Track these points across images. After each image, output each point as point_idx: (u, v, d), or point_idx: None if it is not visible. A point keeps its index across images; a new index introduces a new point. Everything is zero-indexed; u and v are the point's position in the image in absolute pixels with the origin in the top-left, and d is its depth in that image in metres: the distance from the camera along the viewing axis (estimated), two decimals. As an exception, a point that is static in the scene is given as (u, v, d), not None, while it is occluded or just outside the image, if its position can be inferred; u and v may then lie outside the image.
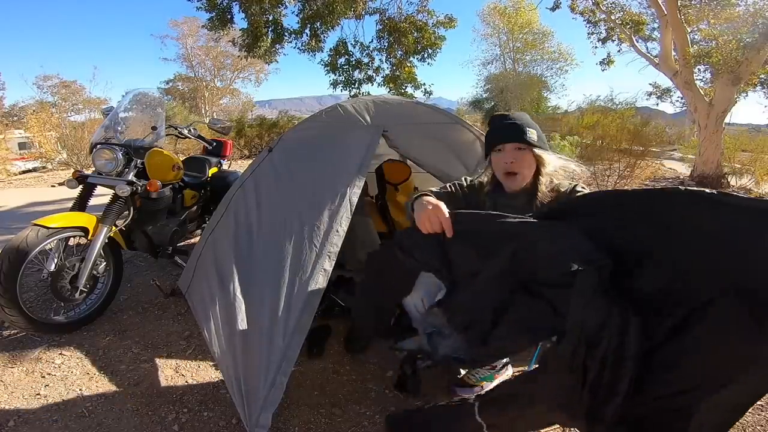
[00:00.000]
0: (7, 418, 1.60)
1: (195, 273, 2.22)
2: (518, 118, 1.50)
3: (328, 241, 1.69)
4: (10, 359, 1.98)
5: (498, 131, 1.51)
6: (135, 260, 3.27)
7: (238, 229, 2.00)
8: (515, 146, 1.45)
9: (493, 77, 22.33)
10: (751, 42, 6.32)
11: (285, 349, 1.47)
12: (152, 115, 2.67)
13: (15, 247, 1.94)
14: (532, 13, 19.42)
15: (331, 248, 1.68)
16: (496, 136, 1.51)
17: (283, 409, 1.62)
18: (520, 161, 1.45)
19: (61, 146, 10.22)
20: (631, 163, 5.63)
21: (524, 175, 1.47)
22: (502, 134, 1.49)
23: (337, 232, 1.72)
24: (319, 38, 9.00)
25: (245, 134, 12.01)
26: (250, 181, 2.16)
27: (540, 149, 1.46)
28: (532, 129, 1.46)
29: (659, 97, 19.30)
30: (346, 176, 1.86)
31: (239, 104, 29.90)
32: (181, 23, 25.66)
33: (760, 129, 15.85)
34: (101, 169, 2.36)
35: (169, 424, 1.58)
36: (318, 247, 1.68)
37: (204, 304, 1.93)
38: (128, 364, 1.95)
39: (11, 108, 21.77)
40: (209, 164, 3.26)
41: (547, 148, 1.50)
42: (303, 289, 1.58)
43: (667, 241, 0.86)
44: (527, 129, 1.45)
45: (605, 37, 10.06)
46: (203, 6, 8.04)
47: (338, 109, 2.20)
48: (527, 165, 1.46)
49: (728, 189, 6.47)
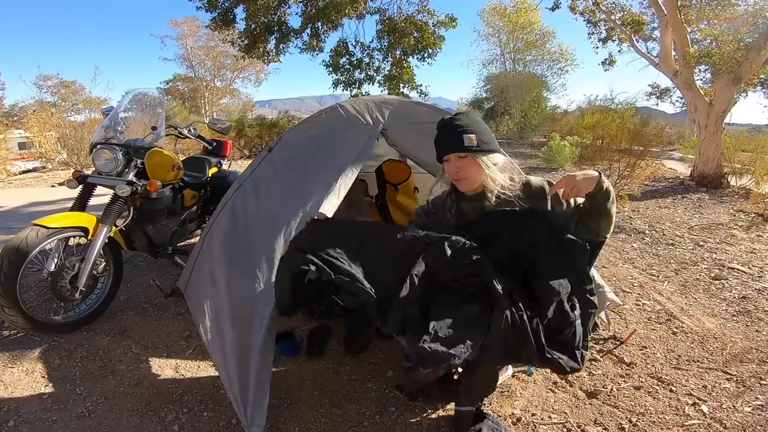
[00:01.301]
0: (7, 418, 1.60)
1: (193, 273, 2.22)
2: (459, 122, 1.51)
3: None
4: (10, 359, 1.99)
5: (440, 141, 1.55)
6: (135, 260, 3.27)
7: (237, 229, 2.00)
8: (456, 155, 1.49)
9: (493, 77, 22.31)
10: (752, 42, 6.32)
11: (262, 349, 1.48)
12: (152, 115, 2.67)
13: (15, 247, 1.94)
14: (534, 13, 19.40)
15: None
16: (438, 147, 1.55)
17: (283, 409, 1.62)
18: (465, 168, 1.49)
19: (61, 146, 10.23)
20: (631, 163, 5.62)
21: (472, 179, 1.51)
22: (442, 145, 1.54)
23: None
24: (320, 38, 9.00)
25: (245, 134, 12.02)
26: (249, 181, 2.16)
27: (480, 152, 1.47)
28: (470, 134, 1.47)
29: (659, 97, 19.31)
30: (346, 176, 1.87)
31: (239, 104, 29.92)
32: (181, 23, 25.66)
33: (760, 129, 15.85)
34: (101, 169, 2.36)
35: (169, 424, 1.58)
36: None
37: (200, 304, 1.94)
38: (128, 364, 1.95)
39: (11, 108, 21.76)
40: (209, 164, 3.26)
41: (492, 146, 1.52)
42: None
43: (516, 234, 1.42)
44: (465, 136, 1.47)
45: (605, 37, 10.04)
46: (204, 6, 8.04)
47: (338, 109, 2.20)
48: (473, 170, 1.49)
49: (728, 189, 6.47)
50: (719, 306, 2.55)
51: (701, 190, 6.52)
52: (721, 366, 1.92)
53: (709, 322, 2.34)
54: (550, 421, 1.58)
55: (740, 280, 2.92)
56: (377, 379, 1.83)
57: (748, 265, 3.20)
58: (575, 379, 1.82)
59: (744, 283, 2.85)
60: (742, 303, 2.56)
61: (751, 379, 1.81)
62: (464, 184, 1.53)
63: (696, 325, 2.30)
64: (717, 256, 3.41)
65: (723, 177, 6.75)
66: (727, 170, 6.93)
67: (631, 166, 5.61)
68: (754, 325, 2.30)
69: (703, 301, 2.63)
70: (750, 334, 2.21)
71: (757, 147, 7.53)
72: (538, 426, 1.55)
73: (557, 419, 1.59)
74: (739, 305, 2.54)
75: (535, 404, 1.67)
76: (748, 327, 2.28)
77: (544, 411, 1.63)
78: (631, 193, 5.65)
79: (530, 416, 1.60)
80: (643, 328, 2.27)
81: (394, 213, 3.36)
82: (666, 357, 2.00)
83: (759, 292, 2.71)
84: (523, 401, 1.68)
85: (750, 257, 3.37)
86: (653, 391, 1.74)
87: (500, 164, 1.52)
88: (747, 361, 1.95)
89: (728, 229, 4.25)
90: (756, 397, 1.69)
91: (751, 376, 1.84)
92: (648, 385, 1.78)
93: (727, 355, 2.00)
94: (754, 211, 4.88)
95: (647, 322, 2.35)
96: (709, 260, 3.33)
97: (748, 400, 1.67)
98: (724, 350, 2.05)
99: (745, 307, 2.50)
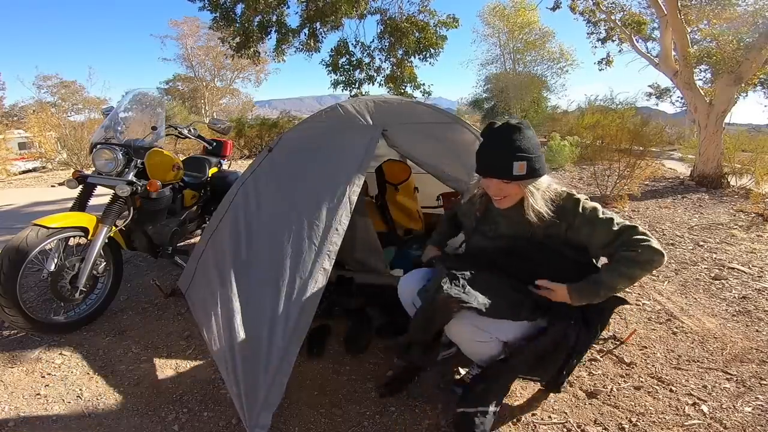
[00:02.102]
0: (7, 418, 1.60)
1: (195, 273, 2.22)
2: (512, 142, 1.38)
3: (327, 240, 1.69)
4: (10, 359, 1.98)
5: (486, 159, 1.45)
6: (135, 260, 3.27)
7: (239, 229, 2.00)
8: (500, 180, 1.41)
9: (493, 77, 22.31)
10: (752, 42, 6.32)
11: (285, 348, 1.47)
12: (152, 115, 2.67)
13: (15, 247, 1.94)
14: (533, 14, 19.39)
15: (331, 247, 1.69)
16: (482, 165, 1.46)
17: (283, 409, 1.62)
18: (507, 190, 1.43)
19: (61, 146, 10.24)
20: (631, 163, 5.63)
21: (511, 199, 1.46)
22: (489, 166, 1.44)
23: (337, 231, 1.72)
24: (317, 38, 8.99)
25: (245, 134, 12.02)
26: (250, 181, 2.16)
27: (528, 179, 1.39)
28: (521, 161, 1.36)
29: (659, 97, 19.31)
30: (346, 175, 1.86)
31: (239, 104, 29.92)
32: (181, 23, 25.67)
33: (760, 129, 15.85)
34: (101, 169, 2.36)
35: (169, 424, 1.58)
36: (317, 246, 1.68)
37: (204, 304, 1.93)
38: (128, 364, 1.95)
39: (11, 108, 21.77)
40: (209, 164, 3.26)
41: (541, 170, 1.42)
42: (303, 288, 1.58)
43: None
44: (515, 164, 1.36)
45: (605, 37, 10.05)
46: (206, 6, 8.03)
47: (338, 109, 2.20)
48: (513, 193, 1.44)
49: (728, 189, 6.47)
50: (719, 306, 2.55)
51: (701, 190, 6.52)
52: (721, 366, 1.92)
53: (709, 322, 2.34)
54: (550, 421, 1.58)
55: (740, 280, 2.92)
56: (377, 379, 1.83)
57: (748, 265, 3.20)
58: (575, 379, 1.82)
59: (744, 283, 2.85)
60: (742, 303, 2.56)
61: (751, 379, 1.81)
62: (502, 203, 1.48)
63: (696, 325, 2.30)
64: (717, 256, 3.41)
65: (723, 177, 6.75)
66: (727, 170, 6.93)
67: (631, 166, 5.62)
68: (754, 325, 2.30)
69: (703, 301, 2.63)
70: (750, 334, 2.21)
71: (757, 147, 7.53)
72: (538, 426, 1.55)
73: (557, 419, 1.59)
74: (739, 305, 2.54)
75: (535, 404, 1.67)
76: (748, 327, 2.28)
77: (544, 411, 1.63)
78: (631, 193, 5.66)
79: (530, 416, 1.60)
80: (643, 328, 2.27)
81: (394, 213, 3.36)
82: (666, 357, 2.00)
83: (759, 292, 2.71)
84: (523, 401, 1.68)
85: (750, 257, 3.37)
86: (653, 391, 1.74)
87: (544, 188, 1.43)
88: (747, 361, 1.95)
89: (728, 229, 4.25)
90: (756, 397, 1.69)
91: (751, 376, 1.84)
92: (648, 385, 1.78)
93: (727, 355, 2.00)
94: (754, 211, 4.88)
95: (647, 322, 2.35)
96: (709, 260, 3.33)
97: (748, 400, 1.67)
98: (724, 350, 2.05)
99: (745, 307, 2.50)
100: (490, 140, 1.45)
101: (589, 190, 6.40)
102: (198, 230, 3.17)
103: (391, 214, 3.34)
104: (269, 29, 8.53)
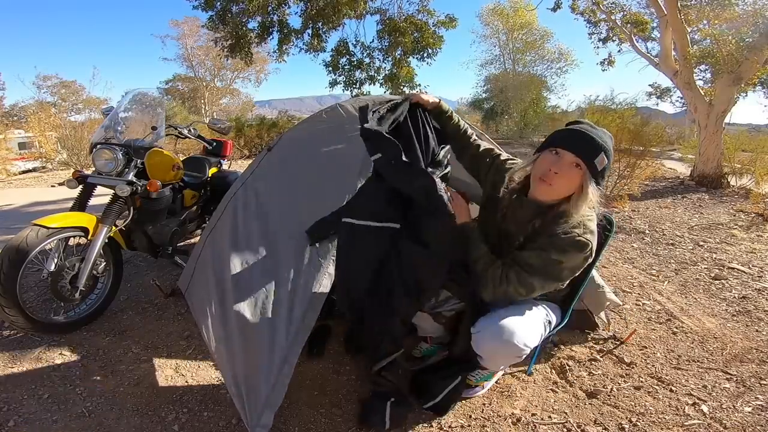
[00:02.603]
0: (7, 418, 1.60)
1: (194, 273, 2.22)
2: (601, 139, 1.30)
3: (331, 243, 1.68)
4: (10, 359, 1.98)
5: (568, 135, 1.33)
6: (135, 260, 3.27)
7: (238, 229, 2.00)
8: (575, 158, 1.28)
9: (492, 77, 22.32)
10: (752, 42, 6.32)
11: (287, 349, 1.46)
12: (152, 115, 2.67)
13: (15, 247, 1.93)
14: (531, 14, 19.41)
15: (334, 249, 1.68)
16: (565, 138, 1.32)
17: (283, 409, 1.62)
18: (566, 177, 1.30)
19: (61, 146, 10.23)
20: (631, 163, 5.62)
21: (558, 192, 1.33)
22: (570, 141, 1.30)
23: (338, 232, 1.72)
24: (321, 38, 9.00)
25: (245, 134, 12.01)
26: (250, 181, 2.16)
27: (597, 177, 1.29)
28: (606, 157, 1.28)
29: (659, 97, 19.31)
30: (347, 176, 1.86)
31: (239, 104, 29.92)
32: (182, 23, 25.67)
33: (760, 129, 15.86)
34: (101, 169, 2.36)
35: (169, 424, 1.58)
36: (319, 247, 1.68)
37: (203, 304, 1.93)
38: (128, 364, 1.95)
39: (11, 108, 21.77)
40: (209, 164, 3.26)
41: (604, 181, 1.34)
42: (306, 289, 1.58)
43: None
44: (602, 153, 1.27)
45: (606, 37, 10.06)
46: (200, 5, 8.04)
47: (338, 108, 2.20)
48: (571, 185, 1.31)
49: (728, 189, 6.47)
50: (719, 306, 2.55)
51: (701, 190, 6.52)
52: (721, 366, 1.92)
53: (709, 322, 2.34)
54: (550, 421, 1.58)
55: (740, 280, 2.92)
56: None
57: (748, 265, 3.20)
58: (575, 379, 1.82)
59: (744, 283, 2.85)
60: (742, 303, 2.56)
61: (751, 379, 1.81)
62: (546, 191, 1.34)
63: (696, 325, 2.30)
64: (717, 256, 3.41)
65: (723, 177, 6.75)
66: (727, 170, 6.93)
67: (631, 166, 5.62)
68: (754, 325, 2.30)
69: (703, 301, 2.63)
70: (750, 334, 2.21)
71: (757, 147, 7.53)
72: (538, 426, 1.55)
73: (557, 419, 1.59)
74: (739, 305, 2.54)
75: (535, 404, 1.67)
76: (748, 327, 2.28)
77: (544, 411, 1.63)
78: (631, 193, 5.65)
79: (530, 416, 1.60)
80: (643, 328, 2.27)
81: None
82: (666, 357, 2.00)
83: (759, 292, 2.71)
84: (523, 401, 1.68)
85: (750, 257, 3.37)
86: (653, 391, 1.75)
87: (594, 200, 1.32)
88: (747, 361, 1.95)
89: (728, 229, 4.25)
90: (756, 397, 1.69)
91: (751, 376, 1.84)
92: (648, 385, 1.78)
93: (727, 355, 2.00)
94: (754, 211, 4.88)
95: (647, 322, 2.35)
96: (709, 260, 3.33)
97: (748, 400, 1.68)
98: (724, 350, 2.05)
99: (745, 307, 2.50)
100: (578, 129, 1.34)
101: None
102: (198, 230, 3.17)
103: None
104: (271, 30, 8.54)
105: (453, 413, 1.62)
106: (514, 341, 1.39)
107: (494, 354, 1.48)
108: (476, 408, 1.64)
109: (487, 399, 1.69)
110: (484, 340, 1.45)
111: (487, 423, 1.57)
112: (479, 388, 1.71)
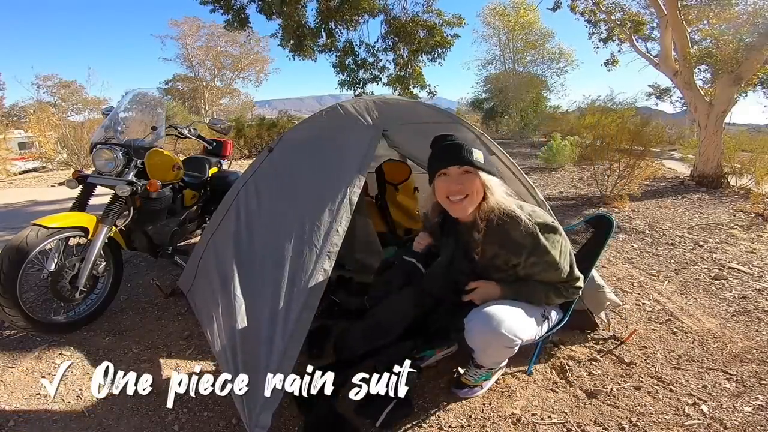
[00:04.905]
0: (7, 418, 1.60)
1: (197, 273, 2.22)
2: (459, 140, 1.41)
3: (328, 240, 1.69)
4: (10, 359, 1.98)
5: (441, 154, 1.41)
6: (135, 260, 3.27)
7: (239, 229, 2.00)
8: (462, 170, 1.37)
9: (492, 77, 22.30)
10: (752, 42, 6.32)
11: (285, 349, 1.47)
12: (152, 115, 2.67)
13: (15, 247, 1.94)
14: (533, 14, 19.40)
15: (331, 248, 1.68)
16: (440, 158, 1.41)
17: (283, 410, 1.62)
18: (468, 185, 1.37)
19: (61, 146, 10.23)
20: (631, 163, 5.62)
21: (471, 201, 1.39)
22: (444, 157, 1.39)
23: (337, 232, 1.72)
24: (334, 37, 8.95)
25: (245, 134, 12.01)
26: (251, 181, 2.16)
27: (487, 173, 1.39)
28: (478, 150, 1.39)
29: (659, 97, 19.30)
30: (347, 176, 1.86)
31: (239, 104, 29.93)
32: (181, 23, 25.69)
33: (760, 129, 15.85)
34: (101, 169, 2.36)
35: (169, 424, 1.58)
36: (318, 246, 1.68)
37: (206, 304, 1.93)
38: (128, 364, 1.95)
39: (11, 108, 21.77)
40: (209, 164, 3.26)
41: (495, 172, 1.42)
42: (303, 288, 1.58)
43: None
44: (474, 150, 1.37)
45: (606, 38, 10.05)
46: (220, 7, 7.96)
47: (338, 108, 2.20)
48: (472, 188, 1.38)
49: (728, 189, 6.47)
50: (719, 306, 2.55)
51: (701, 190, 6.52)
52: (721, 366, 1.92)
53: (709, 322, 2.34)
54: (550, 421, 1.58)
55: (740, 280, 2.92)
56: (377, 379, 1.83)
57: (748, 265, 3.20)
58: (575, 379, 1.82)
59: (744, 283, 2.85)
60: (742, 303, 2.56)
61: (751, 379, 1.81)
62: (460, 209, 1.40)
63: (696, 325, 2.30)
64: (717, 256, 3.41)
65: (723, 177, 6.74)
66: (727, 170, 6.93)
67: (631, 166, 5.61)
68: (754, 325, 2.30)
69: (703, 301, 2.63)
70: (750, 334, 2.21)
71: (757, 147, 7.53)
72: (538, 426, 1.55)
73: (557, 419, 1.59)
74: (739, 305, 2.54)
75: (535, 404, 1.67)
76: (748, 327, 2.28)
77: (544, 411, 1.63)
78: (631, 193, 5.65)
79: (530, 416, 1.60)
80: (643, 328, 2.27)
81: (394, 213, 3.36)
82: (666, 357, 2.00)
83: (759, 292, 2.71)
84: (523, 401, 1.68)
85: (750, 257, 3.37)
86: (653, 391, 1.74)
87: (503, 187, 1.42)
88: (747, 361, 1.95)
89: (728, 229, 4.25)
90: (756, 397, 1.69)
91: (751, 376, 1.84)
92: (648, 385, 1.78)
93: (727, 355, 2.00)
94: (754, 211, 4.88)
95: (647, 322, 2.35)
96: (709, 260, 3.33)
97: (748, 400, 1.67)
98: (724, 350, 2.05)
99: (745, 307, 2.50)
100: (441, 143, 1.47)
101: (589, 190, 6.40)
102: (198, 230, 3.17)
103: (391, 214, 3.34)
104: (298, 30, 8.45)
105: (453, 413, 1.62)
106: (502, 330, 1.40)
107: (485, 345, 1.50)
108: (476, 408, 1.64)
109: (487, 399, 1.69)
110: (474, 329, 1.47)
111: (487, 423, 1.57)
112: (479, 388, 1.71)
